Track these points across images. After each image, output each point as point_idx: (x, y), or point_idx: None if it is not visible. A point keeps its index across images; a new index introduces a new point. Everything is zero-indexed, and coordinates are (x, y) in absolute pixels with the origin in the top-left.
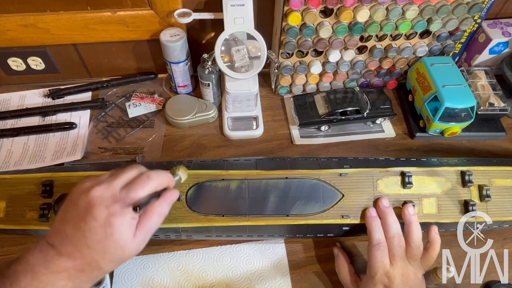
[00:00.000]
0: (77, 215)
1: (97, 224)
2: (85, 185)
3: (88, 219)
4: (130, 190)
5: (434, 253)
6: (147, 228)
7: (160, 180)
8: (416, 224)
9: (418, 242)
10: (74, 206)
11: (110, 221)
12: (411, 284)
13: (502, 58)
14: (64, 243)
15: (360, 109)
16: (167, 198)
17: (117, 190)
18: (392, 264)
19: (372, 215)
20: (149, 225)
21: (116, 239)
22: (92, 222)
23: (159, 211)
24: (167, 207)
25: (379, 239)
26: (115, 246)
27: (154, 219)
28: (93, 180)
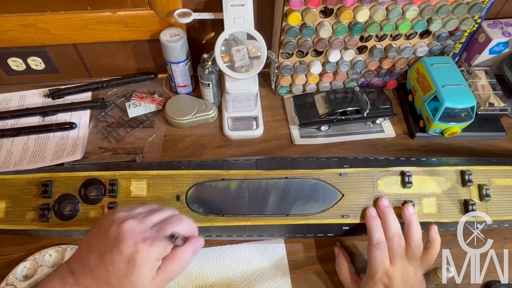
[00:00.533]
0: (104, 245)
1: (121, 258)
2: (119, 215)
3: (114, 252)
4: (160, 229)
5: (434, 253)
6: (168, 273)
7: (191, 225)
8: (416, 224)
9: (418, 242)
10: (103, 234)
11: (134, 258)
12: (411, 283)
13: (502, 58)
14: (85, 273)
15: (360, 109)
16: (193, 244)
17: (148, 228)
18: (392, 264)
19: (372, 214)
20: (170, 271)
21: (135, 278)
22: (117, 256)
23: (183, 257)
24: (191, 254)
25: (379, 239)
26: (131, 286)
27: (176, 265)
28: (127, 210)
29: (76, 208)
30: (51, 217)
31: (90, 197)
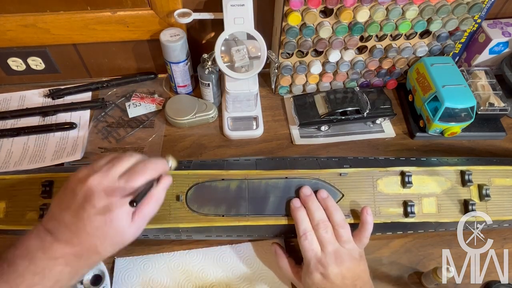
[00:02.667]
0: (75, 203)
1: (96, 211)
2: (81, 173)
3: (87, 207)
4: (128, 180)
5: (367, 233)
6: (145, 213)
7: (156, 169)
8: (333, 206)
9: (341, 223)
10: (71, 194)
11: (109, 209)
12: (347, 265)
13: (502, 58)
14: (62, 230)
15: (360, 109)
16: (163, 184)
17: (116, 178)
18: (323, 251)
19: (296, 206)
20: (147, 211)
21: (115, 225)
22: (91, 209)
23: (156, 197)
24: (163, 192)
25: (305, 229)
26: (114, 232)
27: (151, 205)
28: (89, 168)
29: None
30: None
31: None
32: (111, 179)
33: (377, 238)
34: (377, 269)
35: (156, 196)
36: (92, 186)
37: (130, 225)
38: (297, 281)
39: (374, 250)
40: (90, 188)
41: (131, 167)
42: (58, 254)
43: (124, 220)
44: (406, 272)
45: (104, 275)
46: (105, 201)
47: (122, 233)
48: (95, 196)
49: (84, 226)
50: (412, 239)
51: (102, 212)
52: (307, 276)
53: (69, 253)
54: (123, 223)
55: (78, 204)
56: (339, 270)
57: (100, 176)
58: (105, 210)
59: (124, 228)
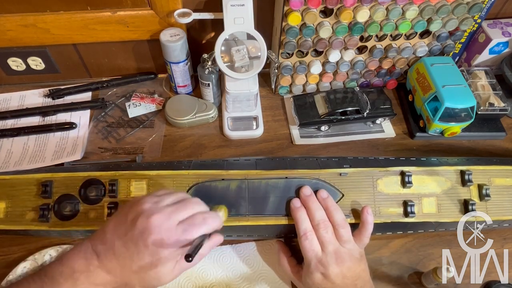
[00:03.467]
0: (130, 235)
1: (147, 252)
2: (146, 206)
3: (140, 244)
4: (186, 230)
5: (367, 233)
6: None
7: (213, 224)
8: (333, 206)
9: (341, 223)
10: (130, 223)
11: (159, 254)
12: (348, 265)
13: (502, 58)
14: (109, 257)
15: (360, 109)
16: (213, 242)
17: (175, 224)
18: (323, 251)
19: (296, 206)
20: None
21: (158, 270)
22: (143, 248)
23: (202, 255)
24: (209, 250)
25: (305, 229)
26: (154, 277)
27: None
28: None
29: (76, 208)
30: (51, 217)
31: (90, 197)
32: (172, 224)
33: (377, 238)
34: (377, 269)
35: (204, 254)
36: (152, 226)
37: (170, 273)
38: (297, 281)
39: (374, 250)
40: (149, 226)
41: (191, 216)
42: (99, 281)
43: (168, 268)
44: (406, 272)
45: None
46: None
47: (160, 279)
48: (152, 237)
49: (131, 261)
50: (412, 239)
51: (151, 254)
52: (308, 276)
53: (109, 282)
54: (165, 270)
55: (132, 236)
56: (340, 270)
57: (162, 218)
58: (155, 253)
59: (164, 275)
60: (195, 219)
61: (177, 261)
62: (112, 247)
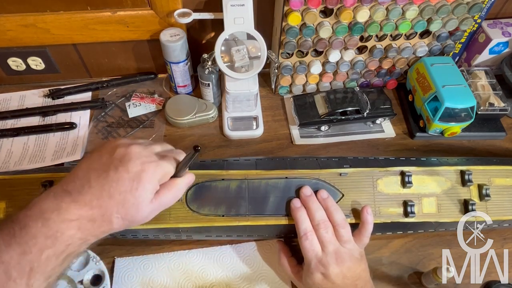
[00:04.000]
0: (108, 164)
1: (127, 176)
2: (122, 141)
3: (120, 169)
4: (165, 156)
5: (367, 233)
6: (164, 200)
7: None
8: (333, 206)
9: (341, 223)
10: (107, 155)
11: (140, 176)
12: (348, 265)
13: (502, 58)
14: (84, 191)
15: (360, 109)
16: (186, 179)
17: (153, 153)
18: (323, 251)
19: (296, 206)
20: (165, 197)
21: (138, 195)
22: (124, 173)
23: (177, 189)
24: (184, 187)
25: (305, 229)
26: (133, 203)
27: (171, 194)
28: (129, 139)
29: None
30: None
31: None
32: (150, 152)
33: (377, 238)
34: (377, 269)
35: (178, 186)
36: (132, 152)
37: (148, 204)
38: (297, 281)
39: (374, 250)
40: (129, 153)
41: (167, 150)
42: (73, 216)
43: (147, 194)
44: (406, 272)
45: (104, 275)
46: (139, 168)
47: (139, 207)
48: (132, 162)
49: (109, 188)
50: (412, 239)
51: (133, 178)
52: (308, 276)
53: (84, 216)
54: (145, 197)
55: (110, 165)
56: (340, 270)
57: (140, 147)
58: (136, 176)
59: (143, 202)
60: (171, 151)
61: (157, 192)
62: (87, 181)
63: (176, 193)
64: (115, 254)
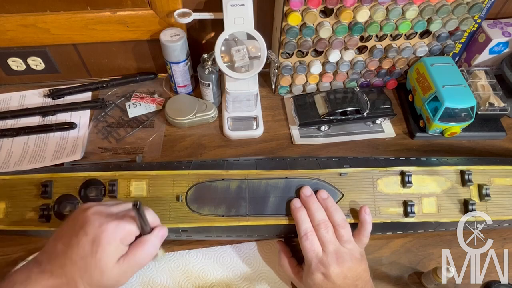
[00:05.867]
0: (71, 231)
1: (86, 238)
2: (85, 205)
3: (80, 234)
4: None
5: (366, 232)
6: (134, 260)
7: (154, 216)
8: (333, 206)
9: (341, 223)
10: (71, 223)
11: (99, 238)
12: (348, 265)
13: (502, 58)
14: (51, 260)
15: (360, 109)
16: (158, 232)
17: (114, 213)
18: (324, 251)
19: (296, 206)
20: (136, 257)
21: (99, 257)
22: (83, 237)
23: (149, 245)
24: (158, 242)
25: (306, 229)
26: (95, 266)
27: (144, 252)
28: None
29: (76, 208)
30: (51, 217)
31: (90, 198)
32: (110, 212)
33: (377, 238)
34: (377, 269)
35: (151, 242)
36: (90, 214)
37: (114, 266)
38: (297, 281)
39: (374, 250)
40: (87, 216)
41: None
42: (39, 286)
43: (110, 256)
44: (406, 272)
45: None
46: (97, 229)
47: (103, 269)
48: (89, 223)
49: (72, 254)
50: (412, 239)
51: (92, 240)
52: (309, 276)
53: (49, 286)
54: (107, 259)
55: (73, 231)
56: (341, 270)
57: (101, 208)
58: (95, 237)
59: (106, 265)
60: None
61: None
62: (54, 251)
63: (149, 250)
64: None
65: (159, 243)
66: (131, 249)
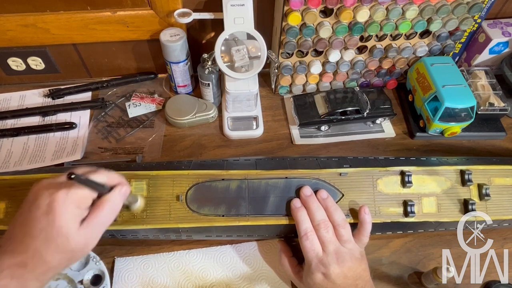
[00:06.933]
0: (25, 211)
1: (40, 212)
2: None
3: (32, 209)
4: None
5: (366, 232)
6: (96, 220)
7: (111, 175)
8: (333, 206)
9: (341, 223)
10: (24, 204)
11: (52, 207)
12: (348, 265)
13: (502, 58)
14: (10, 240)
15: (360, 109)
16: (119, 189)
17: (62, 182)
18: (324, 251)
19: (296, 206)
20: (99, 218)
21: (58, 225)
22: (36, 211)
23: (111, 203)
24: (119, 200)
25: (306, 229)
26: (57, 234)
27: (105, 211)
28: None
29: None
30: None
31: None
32: (58, 182)
33: (377, 238)
34: (377, 269)
35: (111, 201)
36: (40, 188)
37: (79, 230)
38: (297, 281)
39: (374, 250)
40: (37, 191)
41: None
42: (3, 266)
43: (69, 221)
44: (406, 272)
45: (104, 275)
46: (48, 200)
47: (67, 236)
48: (40, 197)
49: (29, 229)
50: (412, 239)
51: (45, 211)
52: (309, 276)
53: (14, 264)
54: (67, 225)
55: (27, 210)
56: (341, 270)
57: (50, 179)
58: (48, 208)
59: (69, 231)
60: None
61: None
62: (13, 231)
63: (110, 209)
64: (115, 254)
65: (120, 201)
66: (91, 211)
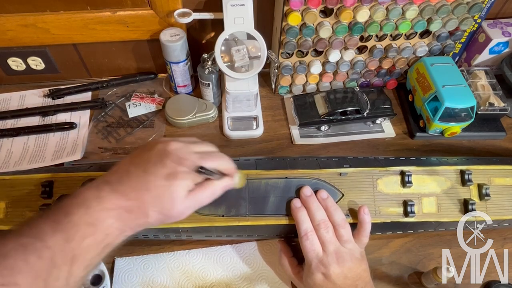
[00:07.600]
0: (147, 159)
1: (163, 171)
2: (164, 139)
3: (158, 165)
4: (202, 158)
5: (365, 232)
6: (198, 198)
7: (229, 165)
8: (333, 206)
9: (341, 223)
10: (148, 151)
11: (176, 173)
12: (349, 265)
13: (502, 58)
14: (122, 182)
15: (360, 109)
16: (225, 181)
17: (192, 152)
18: (324, 251)
19: (296, 206)
20: (200, 196)
21: (173, 190)
22: (161, 168)
23: (213, 189)
24: (221, 190)
25: (306, 229)
26: (169, 197)
27: (207, 193)
28: (171, 138)
29: None
30: None
31: None
32: (189, 150)
33: (377, 238)
34: (377, 269)
35: (215, 187)
36: (171, 149)
37: (183, 200)
38: (297, 281)
39: (374, 250)
40: (168, 150)
41: (209, 151)
42: (112, 205)
43: (181, 191)
44: (406, 272)
45: (104, 275)
46: (174, 166)
47: (174, 203)
48: (169, 158)
49: (147, 182)
50: (412, 239)
51: (168, 174)
52: (309, 276)
53: (122, 207)
54: (179, 193)
55: (150, 159)
56: (341, 270)
57: (180, 145)
58: (171, 174)
59: (178, 198)
60: (212, 153)
61: (192, 190)
62: (127, 174)
63: (212, 193)
64: (115, 254)
65: (221, 191)
66: (197, 187)
